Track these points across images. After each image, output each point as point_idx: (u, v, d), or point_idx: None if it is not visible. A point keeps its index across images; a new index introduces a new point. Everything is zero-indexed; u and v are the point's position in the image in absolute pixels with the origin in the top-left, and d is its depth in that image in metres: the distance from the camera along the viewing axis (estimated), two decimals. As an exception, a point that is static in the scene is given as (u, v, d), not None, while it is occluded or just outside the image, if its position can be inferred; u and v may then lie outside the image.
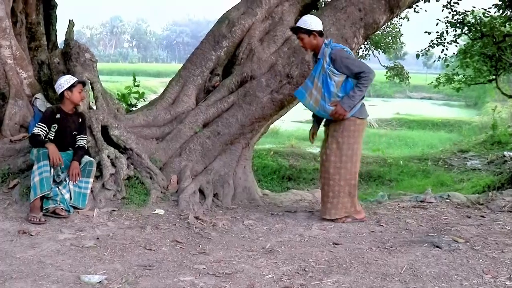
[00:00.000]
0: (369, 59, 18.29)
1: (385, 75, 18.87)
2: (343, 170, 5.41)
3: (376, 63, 18.64)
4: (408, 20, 16.23)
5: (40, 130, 5.44)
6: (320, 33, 5.40)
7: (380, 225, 5.40)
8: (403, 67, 18.54)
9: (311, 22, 5.40)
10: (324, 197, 5.53)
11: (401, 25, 17.61)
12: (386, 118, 29.28)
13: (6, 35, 6.64)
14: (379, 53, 18.26)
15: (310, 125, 5.95)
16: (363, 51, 17.60)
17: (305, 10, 7.45)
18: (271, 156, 15.01)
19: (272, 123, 7.55)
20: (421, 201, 6.46)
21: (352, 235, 5.05)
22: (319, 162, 5.74)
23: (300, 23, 5.42)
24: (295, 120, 24.84)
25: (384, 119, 28.72)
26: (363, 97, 5.39)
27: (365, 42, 14.88)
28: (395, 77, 18.52)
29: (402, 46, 19.82)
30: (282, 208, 6.30)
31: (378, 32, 14.10)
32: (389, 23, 15.68)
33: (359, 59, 16.49)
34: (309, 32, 5.38)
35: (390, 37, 17.68)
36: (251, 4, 6.90)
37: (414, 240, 4.75)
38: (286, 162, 14.62)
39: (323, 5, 8.90)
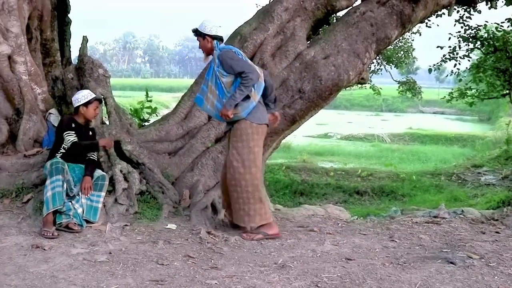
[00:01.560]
0: (381, 73, 18.29)
1: (397, 89, 18.84)
2: (247, 175, 5.28)
3: (388, 78, 18.64)
4: (420, 34, 16.23)
5: (74, 137, 5.48)
6: (215, 38, 5.39)
7: (393, 240, 5.35)
8: (415, 81, 18.52)
9: (207, 25, 5.42)
10: (235, 204, 5.38)
11: (413, 40, 17.63)
12: (399, 133, 29.18)
13: (21, 52, 6.73)
14: (391, 68, 18.26)
15: (323, 139, 5.94)
16: (375, 66, 17.61)
17: (317, 25, 7.49)
18: (283, 171, 14.98)
19: (284, 138, 7.55)
20: (435, 217, 6.40)
21: (365, 251, 5.01)
22: (330, 176, 5.73)
23: (199, 26, 5.46)
24: (307, 135, 24.84)
25: (396, 134, 28.62)
26: (262, 103, 5.42)
27: (377, 57, 14.88)
28: (407, 92, 18.49)
29: (414, 61, 19.84)
30: (294, 223, 6.27)
31: (390, 47, 14.12)
32: (401, 38, 15.68)
33: (371, 74, 16.49)
34: (203, 36, 5.41)
35: (402, 52, 17.68)
36: (263, 20, 6.94)
37: (427, 256, 4.70)
38: (298, 177, 14.58)
39: (335, 20, 8.93)
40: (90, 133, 5.80)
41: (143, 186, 6.01)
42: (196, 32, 5.48)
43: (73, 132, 5.56)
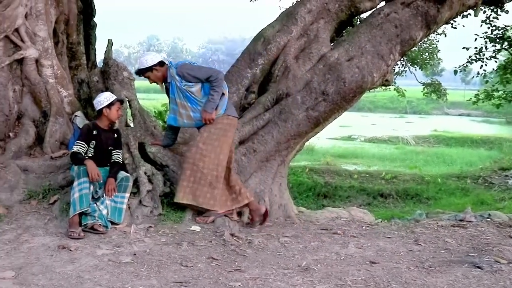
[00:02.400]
0: (406, 75, 18.13)
1: (422, 91, 18.65)
2: (207, 158, 5.64)
3: (413, 80, 18.47)
4: (445, 36, 16.05)
5: (80, 148, 5.55)
6: (161, 63, 5.75)
7: (418, 244, 5.30)
8: (440, 83, 18.30)
9: (148, 59, 5.75)
10: (184, 181, 5.65)
11: (438, 41, 17.43)
12: (423, 135, 28.87)
13: (48, 55, 6.84)
14: (415, 70, 18.08)
15: (346, 141, 5.97)
16: (399, 67, 17.46)
17: (341, 27, 7.46)
18: (307, 173, 14.94)
19: (307, 140, 7.52)
20: (461, 220, 6.33)
21: (389, 254, 4.96)
22: (354, 179, 5.76)
23: (140, 65, 5.76)
24: (331, 137, 24.73)
25: (421, 136, 28.32)
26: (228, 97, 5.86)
27: (402, 59, 14.76)
28: (432, 94, 18.29)
29: (439, 62, 19.61)
30: (318, 225, 6.25)
31: (414, 48, 13.98)
32: (426, 39, 15.53)
33: (395, 75, 16.36)
34: (151, 69, 5.73)
35: (427, 53, 17.50)
36: (286, 22, 6.93)
37: (453, 260, 4.64)
38: (322, 179, 14.53)
39: (358, 22, 8.88)
40: (115, 135, 5.85)
41: (167, 188, 6.05)
42: (142, 71, 5.79)
43: (86, 142, 5.61)
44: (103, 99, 5.71)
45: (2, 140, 6.53)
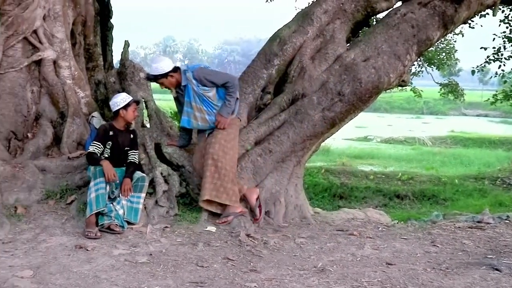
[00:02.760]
0: (422, 76, 18.00)
1: (439, 92, 18.50)
2: (228, 155, 5.72)
3: (430, 80, 18.33)
4: (462, 35, 15.90)
5: (95, 148, 5.59)
6: (174, 69, 5.80)
7: (435, 245, 5.26)
8: (458, 83, 18.14)
9: (163, 66, 5.77)
10: (209, 177, 5.66)
11: (455, 41, 17.26)
12: (440, 136, 28.65)
13: (66, 56, 6.90)
14: (432, 70, 17.93)
15: (362, 142, 5.96)
16: (416, 68, 17.34)
17: (357, 27, 7.42)
18: (322, 174, 14.90)
19: (323, 141, 7.50)
20: (478, 222, 6.26)
21: (406, 255, 4.93)
22: (370, 180, 5.74)
23: (155, 72, 5.77)
24: (347, 138, 24.64)
25: (438, 137, 28.11)
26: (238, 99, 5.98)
27: (418, 59, 14.66)
28: (449, 94, 18.13)
29: (456, 63, 19.42)
30: (333, 226, 6.23)
31: (431, 48, 13.87)
32: (443, 39, 15.39)
33: (412, 76, 16.25)
34: (166, 75, 5.76)
35: (444, 54, 17.34)
36: (302, 23, 6.91)
37: (471, 262, 4.60)
38: (338, 180, 14.48)
39: (375, 22, 8.84)
40: (131, 135, 5.89)
41: (183, 189, 6.08)
42: (158, 77, 5.80)
43: (103, 142, 5.66)
44: (119, 100, 5.75)
45: (21, 141, 6.60)
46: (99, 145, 5.63)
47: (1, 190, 5.76)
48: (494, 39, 13.19)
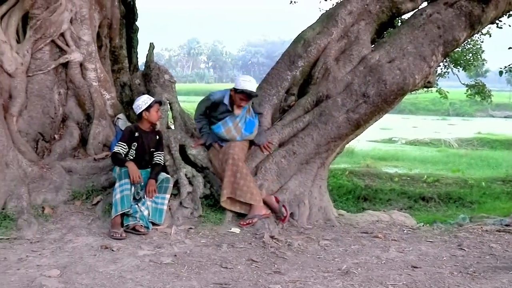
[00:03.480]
0: (448, 77, 17.77)
1: (465, 93, 18.24)
2: (242, 163, 5.89)
3: (456, 81, 18.08)
4: (490, 36, 15.65)
5: (120, 149, 5.64)
6: None
7: (462, 249, 5.19)
8: (485, 84, 17.85)
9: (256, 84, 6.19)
10: (230, 177, 5.78)
11: (482, 41, 17.00)
12: (467, 137, 28.22)
13: (92, 59, 6.99)
14: (458, 71, 17.69)
15: (387, 144, 5.94)
16: (441, 69, 17.12)
17: (382, 28, 7.37)
18: (347, 176, 14.80)
19: (347, 143, 7.46)
20: (507, 225, 6.16)
21: (431, 259, 4.88)
22: (394, 182, 5.70)
23: (255, 88, 6.14)
24: (371, 139, 24.45)
25: (464, 138, 27.70)
26: None
27: (444, 60, 14.47)
28: (476, 95, 17.85)
29: (483, 63, 19.10)
30: (358, 229, 6.19)
31: (457, 49, 13.68)
32: (469, 40, 15.17)
33: (438, 77, 16.06)
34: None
35: (470, 54, 17.08)
36: (326, 24, 6.89)
37: (499, 266, 4.53)
38: (362, 182, 14.37)
39: (400, 23, 8.76)
40: (157, 137, 5.93)
41: (207, 190, 6.10)
42: (254, 96, 6.13)
43: (128, 143, 5.70)
44: (141, 102, 5.79)
45: (48, 142, 6.70)
46: (124, 145, 5.68)
47: (29, 190, 5.85)
48: (522, 39, 12.96)
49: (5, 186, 5.65)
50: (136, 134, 5.77)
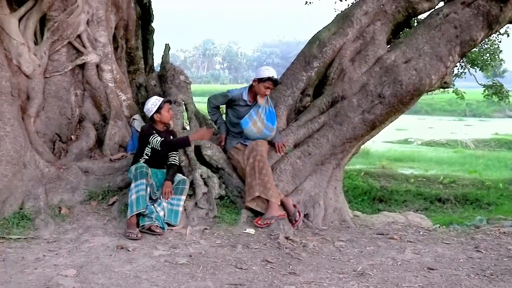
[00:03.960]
0: (465, 77, 17.62)
1: (482, 93, 18.08)
2: (267, 161, 5.97)
3: (473, 82, 17.92)
4: (508, 35, 15.49)
5: (160, 137, 5.65)
6: None
7: (479, 251, 5.14)
8: (502, 85, 17.67)
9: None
10: (257, 173, 5.80)
11: (500, 41, 16.84)
12: (484, 138, 27.94)
13: (108, 60, 7.04)
14: (475, 71, 17.53)
15: (402, 145, 5.89)
16: (458, 69, 16.98)
17: (397, 28, 7.33)
18: (362, 177, 14.74)
19: (363, 144, 7.43)
20: (524, 227, 6.09)
21: (448, 261, 4.84)
22: (410, 183, 5.64)
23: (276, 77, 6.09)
24: (386, 140, 24.32)
25: (481, 139, 27.42)
26: None
27: (461, 60, 14.34)
28: (493, 96, 17.68)
29: (501, 63, 18.89)
30: (373, 230, 6.16)
31: (475, 49, 13.56)
32: (487, 40, 15.03)
33: (454, 77, 15.94)
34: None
35: (488, 54, 16.92)
36: (342, 24, 6.87)
37: (517, 269, 4.48)
38: (377, 183, 14.29)
39: (416, 23, 8.71)
40: (171, 137, 5.95)
41: (222, 191, 6.11)
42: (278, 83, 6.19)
43: (145, 144, 5.74)
44: (151, 105, 5.79)
45: (65, 143, 6.76)
46: (157, 134, 5.69)
47: (46, 190, 5.90)
48: (541, 39, 12.82)
49: (22, 186, 5.72)
50: (154, 132, 5.79)
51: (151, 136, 5.66)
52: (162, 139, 5.63)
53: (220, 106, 6.49)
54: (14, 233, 5.18)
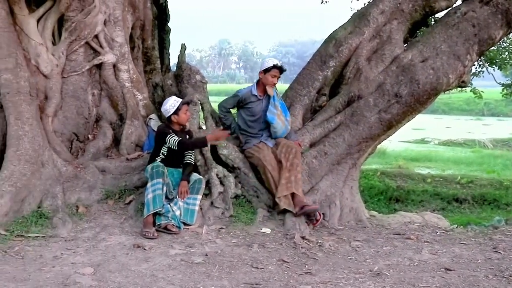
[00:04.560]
0: (483, 76, 17.44)
1: (501, 92, 17.88)
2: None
3: (491, 81, 17.73)
4: (527, 34, 15.31)
5: (177, 137, 5.68)
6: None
7: (497, 252, 5.08)
8: (522, 84, 17.46)
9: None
10: (298, 174, 5.92)
11: (519, 40, 16.64)
12: (502, 138, 27.63)
13: (125, 60, 7.07)
14: (494, 70, 17.34)
15: (419, 144, 5.88)
16: (476, 68, 16.80)
17: (415, 27, 7.28)
18: (378, 177, 14.65)
19: (379, 143, 7.39)
20: (543, 228, 6.01)
21: (465, 261, 4.80)
22: (427, 183, 5.61)
23: (281, 65, 6.18)
24: (403, 140, 24.16)
25: (499, 139, 27.12)
26: None
27: (479, 59, 14.20)
28: (512, 95, 17.47)
29: (520, 62, 18.67)
30: (390, 230, 6.13)
31: (493, 47, 13.41)
32: (506, 38, 14.85)
33: (472, 76, 15.79)
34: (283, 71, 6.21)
35: (506, 53, 16.73)
36: (358, 23, 6.84)
37: (536, 270, 4.42)
38: (394, 183, 14.20)
39: (433, 22, 8.63)
40: (187, 136, 5.97)
41: (238, 190, 6.12)
42: (283, 71, 6.21)
43: (162, 142, 5.76)
44: (169, 106, 5.80)
45: (82, 142, 6.81)
46: (174, 134, 5.72)
47: (64, 189, 5.96)
48: (561, 37, 12.64)
49: (41, 185, 5.78)
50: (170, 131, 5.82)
51: (168, 136, 5.68)
52: (180, 139, 5.65)
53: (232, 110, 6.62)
54: (33, 231, 5.23)
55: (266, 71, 6.12)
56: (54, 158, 6.08)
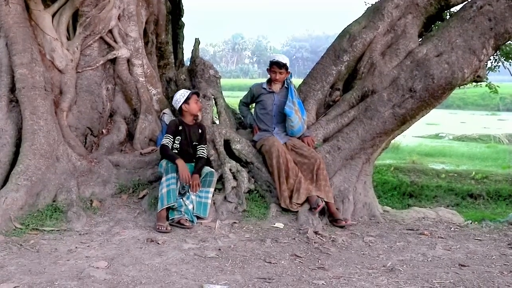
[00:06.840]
0: (499, 70, 17.26)
1: (517, 87, 17.71)
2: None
3: (507, 75, 17.53)
4: (544, 28, 15.12)
5: (168, 141, 5.73)
6: (287, 67, 6.30)
7: (512, 248, 5.05)
8: (538, 79, 17.26)
9: (286, 59, 6.31)
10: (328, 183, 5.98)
11: (536, 34, 16.44)
12: (518, 133, 27.37)
13: (139, 55, 7.09)
14: (510, 65, 17.16)
15: (433, 140, 5.85)
16: (492, 62, 16.63)
17: (430, 21, 7.21)
18: (392, 172, 14.59)
19: (393, 138, 7.35)
20: (559, 224, 5.95)
21: (480, 257, 4.77)
22: (441, 178, 5.57)
23: (285, 60, 6.26)
24: (417, 135, 24.02)
25: (515, 134, 26.87)
26: None
27: (495, 53, 14.05)
28: (528, 90, 17.28)
29: (537, 56, 18.46)
30: (403, 225, 6.10)
31: (510, 42, 13.26)
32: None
33: (488, 71, 15.64)
34: (287, 68, 6.26)
35: (523, 47, 16.54)
36: (372, 18, 6.80)
37: (551, 266, 4.38)
38: (407, 178, 14.13)
39: (448, 16, 8.55)
40: (200, 130, 5.99)
41: (251, 185, 6.12)
42: (283, 66, 6.24)
43: (173, 136, 5.80)
44: (179, 97, 5.90)
45: (96, 137, 6.85)
46: (171, 137, 5.77)
47: (78, 183, 6.00)
48: None
49: (55, 179, 5.83)
50: (180, 127, 5.86)
51: (166, 135, 5.80)
52: (164, 144, 5.73)
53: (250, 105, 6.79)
54: (48, 225, 5.28)
55: (268, 68, 6.34)
56: (68, 153, 6.12)
